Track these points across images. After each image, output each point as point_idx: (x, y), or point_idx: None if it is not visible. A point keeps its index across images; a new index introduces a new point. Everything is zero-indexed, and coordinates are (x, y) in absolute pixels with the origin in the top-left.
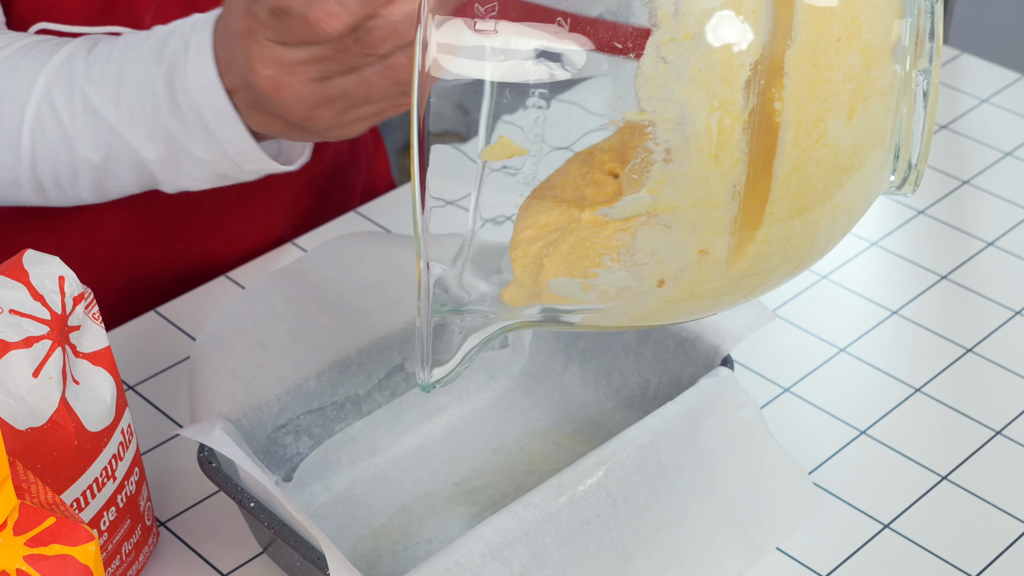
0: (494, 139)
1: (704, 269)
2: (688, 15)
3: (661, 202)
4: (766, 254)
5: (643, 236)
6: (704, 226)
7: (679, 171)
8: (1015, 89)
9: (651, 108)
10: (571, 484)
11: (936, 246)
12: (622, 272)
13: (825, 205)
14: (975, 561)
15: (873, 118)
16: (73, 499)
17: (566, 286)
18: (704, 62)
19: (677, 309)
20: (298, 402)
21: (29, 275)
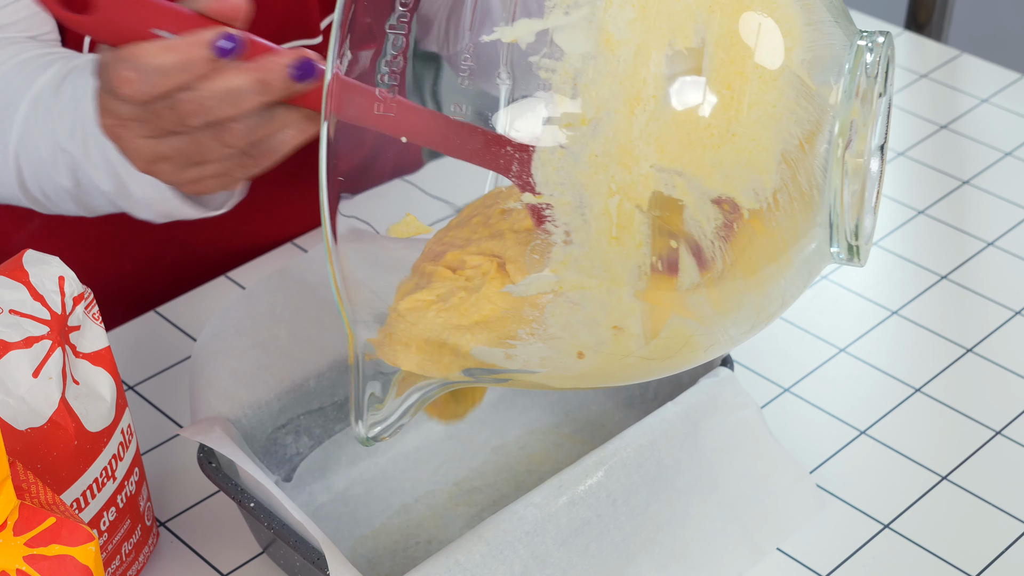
0: (402, 216)
1: (622, 343)
2: (587, 101)
3: (565, 281)
4: (690, 327)
5: (552, 313)
6: (613, 305)
7: (580, 253)
8: (1015, 89)
9: (548, 191)
10: (571, 484)
11: (936, 246)
12: (539, 344)
13: (743, 280)
14: (975, 561)
15: (791, 193)
16: (73, 499)
17: (489, 354)
18: (602, 147)
19: (614, 377)
20: (298, 402)
21: (29, 275)
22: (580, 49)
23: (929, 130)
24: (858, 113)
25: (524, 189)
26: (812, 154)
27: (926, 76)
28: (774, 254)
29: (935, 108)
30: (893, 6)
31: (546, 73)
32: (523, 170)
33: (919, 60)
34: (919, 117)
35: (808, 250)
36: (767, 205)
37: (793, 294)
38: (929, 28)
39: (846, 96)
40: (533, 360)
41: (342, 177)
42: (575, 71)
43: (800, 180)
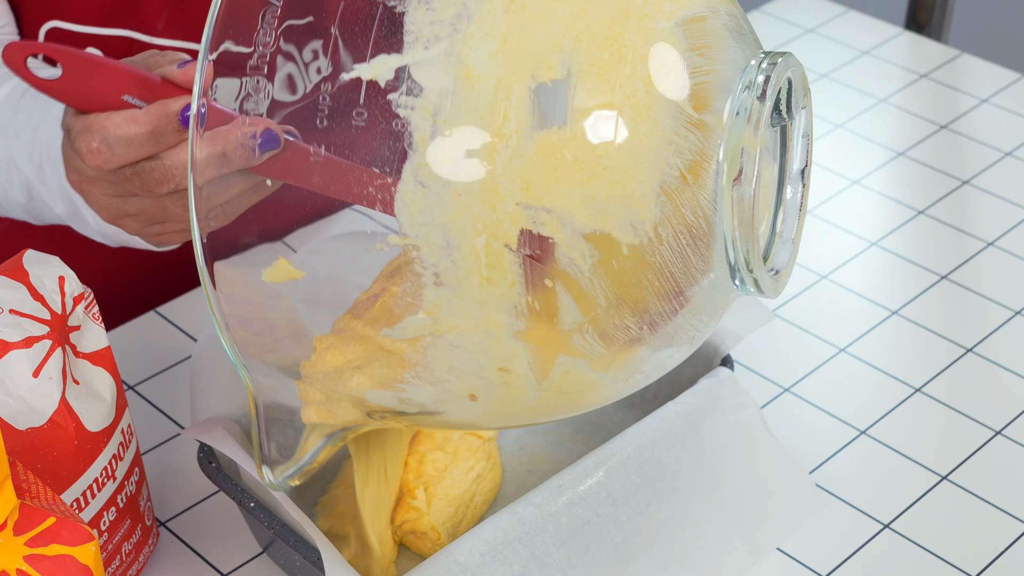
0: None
1: (513, 386)
2: (445, 138)
3: (441, 324)
4: (582, 367)
5: (433, 356)
6: (493, 347)
7: (452, 295)
8: (1015, 89)
9: (413, 232)
10: (571, 484)
11: (936, 246)
12: (428, 387)
13: (632, 318)
14: (975, 561)
15: (675, 226)
16: (73, 499)
17: (382, 398)
18: (464, 186)
19: (520, 417)
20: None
21: (29, 275)
22: (439, 85)
23: (929, 130)
24: (749, 139)
25: (388, 231)
26: (698, 185)
27: (926, 76)
28: (664, 290)
29: (935, 108)
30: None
31: (405, 111)
32: (387, 210)
33: (919, 60)
34: (919, 117)
35: (705, 283)
36: (647, 240)
37: (697, 330)
38: (929, 28)
39: (733, 122)
40: (427, 403)
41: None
42: (434, 108)
43: (685, 212)
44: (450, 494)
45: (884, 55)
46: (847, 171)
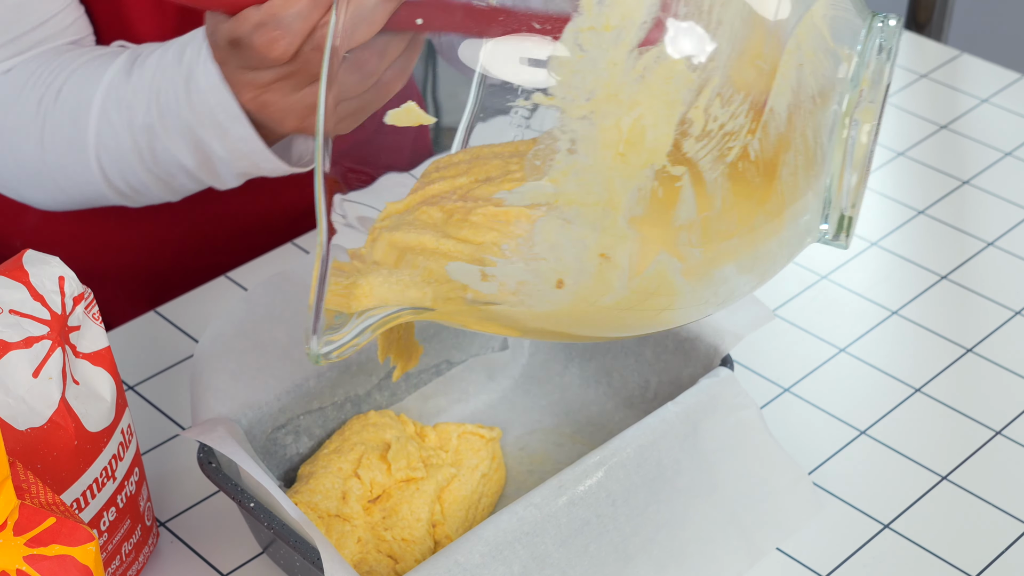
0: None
1: (604, 275)
2: (612, 6)
3: (563, 195)
4: (673, 270)
5: (542, 228)
6: (606, 227)
7: (583, 164)
8: (1015, 89)
9: (561, 94)
10: (571, 484)
11: (936, 246)
12: (520, 264)
13: (736, 227)
14: (975, 561)
15: (799, 158)
16: (73, 499)
17: (464, 272)
18: (622, 56)
19: (581, 322)
20: (298, 402)
21: (29, 275)
22: None
23: (929, 130)
24: (867, 86)
25: (535, 89)
26: (822, 113)
27: (926, 76)
28: (769, 210)
29: (935, 108)
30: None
31: None
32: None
33: (919, 60)
34: (919, 117)
35: (799, 219)
36: (771, 151)
37: (772, 266)
38: (929, 28)
39: (860, 64)
40: (509, 283)
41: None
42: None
43: (807, 135)
44: (459, 496)
45: None
46: None
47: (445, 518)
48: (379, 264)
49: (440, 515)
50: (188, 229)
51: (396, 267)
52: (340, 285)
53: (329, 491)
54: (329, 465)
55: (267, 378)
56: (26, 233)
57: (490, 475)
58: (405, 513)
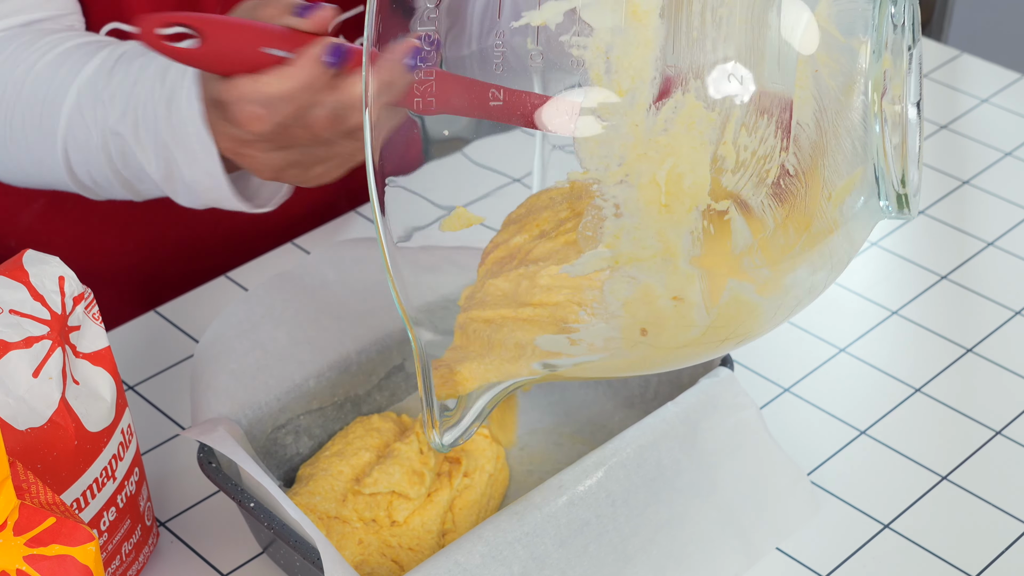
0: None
1: (684, 315)
2: (620, 72)
3: (621, 255)
4: (748, 292)
5: (611, 289)
6: (670, 274)
7: (632, 224)
8: (1015, 89)
9: (593, 166)
10: (571, 484)
11: (936, 246)
12: (601, 324)
13: (795, 237)
14: (975, 561)
15: (839, 156)
16: (73, 499)
17: (553, 343)
18: (641, 117)
19: (678, 354)
20: (298, 402)
21: (29, 275)
22: (608, 23)
23: (929, 130)
24: (889, 64)
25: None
26: (849, 107)
27: (926, 76)
28: (822, 211)
29: (935, 108)
30: None
31: (578, 50)
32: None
33: None
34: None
35: (856, 206)
36: (809, 158)
37: (846, 254)
38: (929, 28)
39: (876, 49)
40: (598, 342)
41: (387, 176)
42: (606, 45)
43: (841, 132)
44: (469, 501)
45: None
46: None
47: (456, 526)
48: (467, 347)
49: (451, 523)
50: (185, 232)
51: (487, 346)
52: (440, 375)
53: (328, 493)
54: (329, 468)
55: (267, 378)
56: (22, 233)
57: (496, 475)
58: (416, 525)
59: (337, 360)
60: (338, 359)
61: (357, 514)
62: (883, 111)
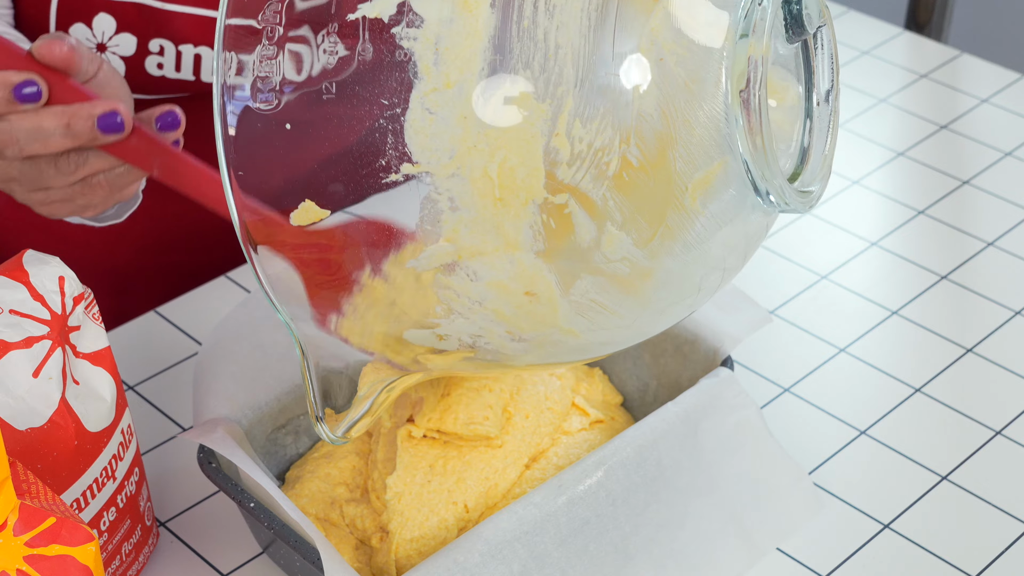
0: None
1: (542, 312)
2: (448, 63)
3: (463, 249)
4: (607, 293)
5: (459, 286)
6: (517, 269)
7: (469, 218)
8: (1015, 89)
9: (424, 159)
10: (571, 484)
11: (936, 246)
12: (461, 320)
13: (659, 238)
14: (975, 561)
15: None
16: (73, 499)
17: (422, 337)
18: (469, 109)
19: (558, 352)
20: (298, 402)
21: (29, 275)
22: (438, 14)
23: (929, 130)
24: (765, 49)
25: (401, 160)
26: (703, 96)
27: (926, 76)
28: (679, 204)
29: (935, 108)
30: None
31: (408, 42)
32: (398, 141)
33: (919, 60)
34: (919, 117)
35: (725, 198)
36: (654, 150)
37: (732, 248)
38: (929, 28)
39: (743, 32)
40: (465, 337)
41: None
42: (435, 36)
43: (692, 121)
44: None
45: (884, 55)
46: (847, 171)
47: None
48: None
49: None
50: (150, 225)
51: (368, 338)
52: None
53: (316, 495)
54: (316, 471)
55: (267, 379)
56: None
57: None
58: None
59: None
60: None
61: (345, 520)
62: (753, 101)
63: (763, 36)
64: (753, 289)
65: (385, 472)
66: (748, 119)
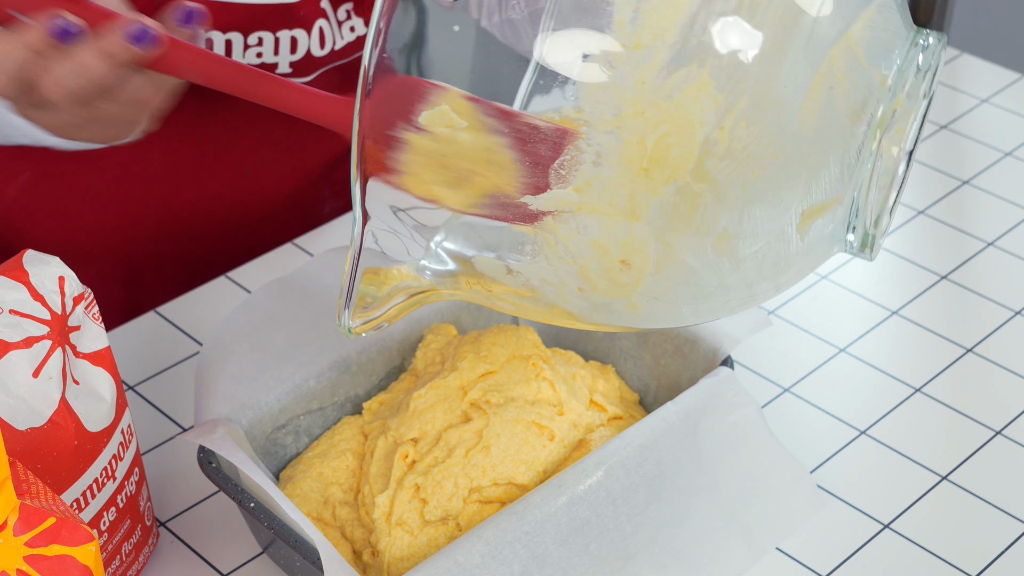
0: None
1: (623, 279)
2: (644, 25)
3: (586, 204)
4: (692, 281)
5: (565, 233)
6: (627, 237)
7: (606, 177)
8: (1015, 89)
9: (589, 109)
10: (571, 484)
11: (936, 246)
12: (543, 263)
13: (759, 245)
14: (975, 561)
15: (825, 176)
16: (73, 499)
17: (490, 266)
18: (650, 76)
19: (607, 317)
20: (298, 402)
21: (29, 275)
22: None
23: (929, 130)
24: (901, 105)
25: (565, 101)
26: (849, 134)
27: None
28: (789, 225)
29: (935, 108)
30: None
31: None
32: (568, 81)
33: None
34: None
35: (824, 232)
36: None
37: (795, 274)
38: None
39: (894, 85)
40: (533, 280)
41: None
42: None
43: (831, 156)
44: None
45: None
46: None
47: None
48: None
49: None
50: (164, 213)
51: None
52: (372, 271)
53: (308, 495)
54: (309, 470)
55: (267, 379)
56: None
57: None
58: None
59: (337, 360)
60: (338, 359)
61: (337, 523)
62: (880, 148)
63: (917, 99)
64: None
65: (376, 488)
66: (878, 166)
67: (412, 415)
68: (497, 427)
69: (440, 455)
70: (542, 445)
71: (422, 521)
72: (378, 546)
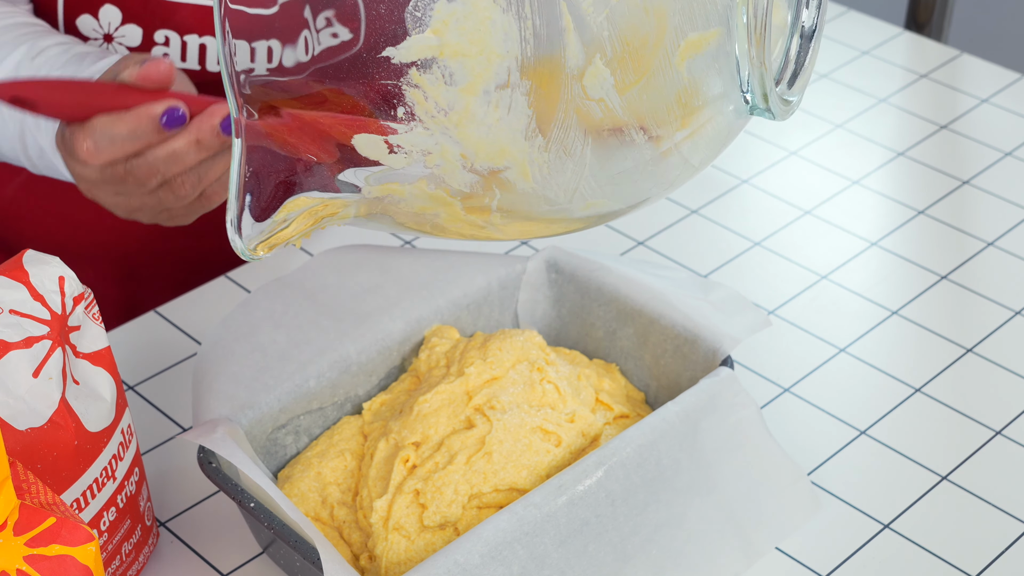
0: None
1: (502, 136)
2: None
3: (447, 46)
4: (575, 130)
5: (431, 85)
6: (493, 77)
7: (463, 11)
8: (1015, 89)
9: None
10: (570, 484)
11: (936, 246)
12: (420, 130)
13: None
14: (975, 561)
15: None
16: (73, 499)
17: (370, 144)
18: None
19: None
20: (298, 402)
21: (29, 275)
22: None
23: (929, 130)
24: None
25: None
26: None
27: (926, 76)
28: (667, 60)
29: (935, 108)
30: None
31: None
32: None
33: (919, 60)
34: (919, 117)
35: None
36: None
37: (703, 136)
38: (929, 28)
39: None
40: (416, 154)
41: None
42: None
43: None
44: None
45: (884, 55)
46: (847, 171)
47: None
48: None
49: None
50: (189, 229)
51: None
52: None
53: (306, 494)
54: (308, 469)
55: (267, 379)
56: (28, 233)
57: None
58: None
59: (337, 360)
60: (338, 359)
61: (335, 524)
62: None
63: None
64: (753, 289)
65: (375, 492)
66: (752, 20)
67: (416, 419)
68: (500, 432)
69: (441, 460)
70: (546, 450)
71: (420, 526)
72: (375, 551)
